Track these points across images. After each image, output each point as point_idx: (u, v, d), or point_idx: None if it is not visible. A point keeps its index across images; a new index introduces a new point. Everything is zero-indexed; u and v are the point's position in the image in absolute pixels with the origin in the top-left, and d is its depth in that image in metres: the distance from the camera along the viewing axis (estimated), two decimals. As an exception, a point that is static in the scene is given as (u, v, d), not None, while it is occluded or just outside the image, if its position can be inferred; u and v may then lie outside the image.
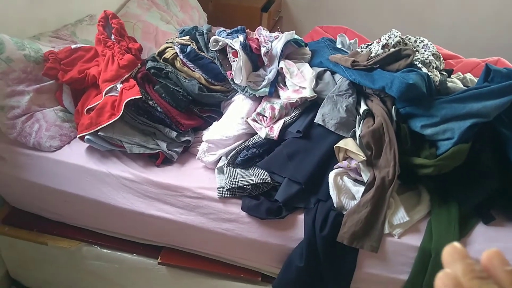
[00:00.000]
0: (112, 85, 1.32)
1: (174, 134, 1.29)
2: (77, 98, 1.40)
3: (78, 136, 1.26)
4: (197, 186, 1.20)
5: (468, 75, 1.45)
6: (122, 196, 1.22)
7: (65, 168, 1.25)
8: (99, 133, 1.23)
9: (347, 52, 1.54)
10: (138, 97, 1.27)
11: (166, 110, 1.31)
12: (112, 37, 1.47)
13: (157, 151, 1.25)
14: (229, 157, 1.23)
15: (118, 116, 1.23)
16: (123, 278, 1.41)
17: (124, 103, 1.25)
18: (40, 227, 1.38)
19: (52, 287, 1.57)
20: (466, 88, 1.30)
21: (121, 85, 1.32)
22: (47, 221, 1.39)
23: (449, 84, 1.32)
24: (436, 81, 1.29)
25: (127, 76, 1.36)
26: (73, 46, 1.48)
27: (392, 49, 1.34)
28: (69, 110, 1.38)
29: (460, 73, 1.47)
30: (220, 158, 1.25)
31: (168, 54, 1.44)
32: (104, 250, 1.34)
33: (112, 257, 1.34)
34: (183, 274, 1.30)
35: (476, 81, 1.35)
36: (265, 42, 1.44)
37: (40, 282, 1.58)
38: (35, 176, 1.27)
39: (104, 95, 1.30)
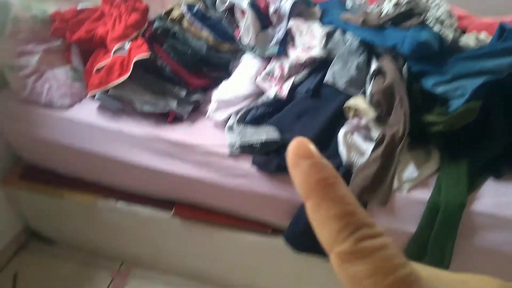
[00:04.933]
0: (120, 44, 1.31)
1: (183, 93, 1.29)
2: (86, 58, 1.40)
3: (88, 95, 1.27)
4: (207, 143, 1.21)
5: (482, 34, 1.42)
6: (135, 153, 1.24)
7: (77, 126, 1.26)
8: (109, 92, 1.24)
9: (357, 12, 1.51)
10: (146, 56, 1.26)
11: (174, 69, 1.31)
12: (119, -4, 1.45)
13: (167, 110, 1.26)
14: (238, 116, 1.23)
15: (127, 75, 1.24)
16: (137, 229, 1.45)
17: (133, 62, 1.25)
18: (56, 182, 1.41)
19: (70, 238, 1.64)
20: (479, 46, 1.28)
21: (129, 44, 1.32)
22: (62, 176, 1.42)
23: (462, 42, 1.30)
24: (449, 39, 1.27)
25: (135, 35, 1.35)
26: (79, 7, 1.47)
27: (404, 8, 1.31)
28: (78, 70, 1.38)
29: (473, 32, 1.45)
30: (229, 117, 1.26)
31: (175, 14, 1.42)
32: (119, 203, 1.38)
33: (127, 210, 1.37)
34: (196, 226, 1.34)
35: (489, 40, 1.32)
36: (273, 1, 1.42)
37: (58, 233, 1.64)
38: (48, 134, 1.29)
39: (113, 54, 1.30)
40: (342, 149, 1.14)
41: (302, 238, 1.18)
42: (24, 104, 1.29)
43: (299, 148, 0.20)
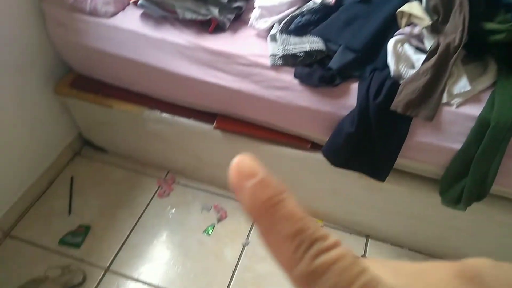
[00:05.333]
0: None
1: (225, -1, 1.25)
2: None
3: (131, 1, 1.26)
4: (249, 53, 1.19)
5: None
6: (177, 63, 1.25)
7: (121, 34, 1.27)
8: (151, -2, 1.22)
9: None
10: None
11: (216, -26, 1.25)
12: None
13: (209, 17, 1.23)
14: (282, 24, 1.18)
15: (169, -20, 1.20)
16: (181, 140, 1.52)
17: (174, -35, 1.20)
18: (104, 91, 1.47)
19: (120, 147, 1.74)
20: None
21: None
22: (110, 86, 1.46)
23: None
24: None
25: None
26: None
27: None
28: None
29: None
30: (273, 25, 1.21)
31: None
32: (164, 114, 1.43)
33: (171, 121, 1.43)
34: (237, 139, 1.37)
35: None
36: None
37: (109, 143, 1.75)
38: (93, 42, 1.32)
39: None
40: (391, 60, 1.08)
41: (339, 152, 1.18)
42: (70, 11, 1.30)
43: (239, 168, 0.19)
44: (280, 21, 1.20)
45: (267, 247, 0.18)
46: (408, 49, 1.09)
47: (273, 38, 1.19)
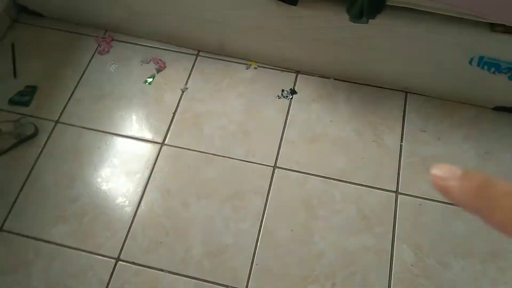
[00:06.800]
0: None
1: None
2: None
3: None
4: None
5: None
6: None
7: None
8: None
9: None
10: None
11: None
12: None
13: None
14: None
15: None
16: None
17: None
18: None
19: (53, 9, 1.73)
20: None
21: None
22: None
23: None
24: None
25: None
26: None
27: None
28: None
29: None
30: None
31: None
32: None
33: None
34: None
35: None
36: None
37: (41, 5, 1.73)
38: None
39: None
40: None
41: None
42: None
43: (440, 175, 0.20)
44: None
45: (497, 228, 0.19)
46: None
47: None
